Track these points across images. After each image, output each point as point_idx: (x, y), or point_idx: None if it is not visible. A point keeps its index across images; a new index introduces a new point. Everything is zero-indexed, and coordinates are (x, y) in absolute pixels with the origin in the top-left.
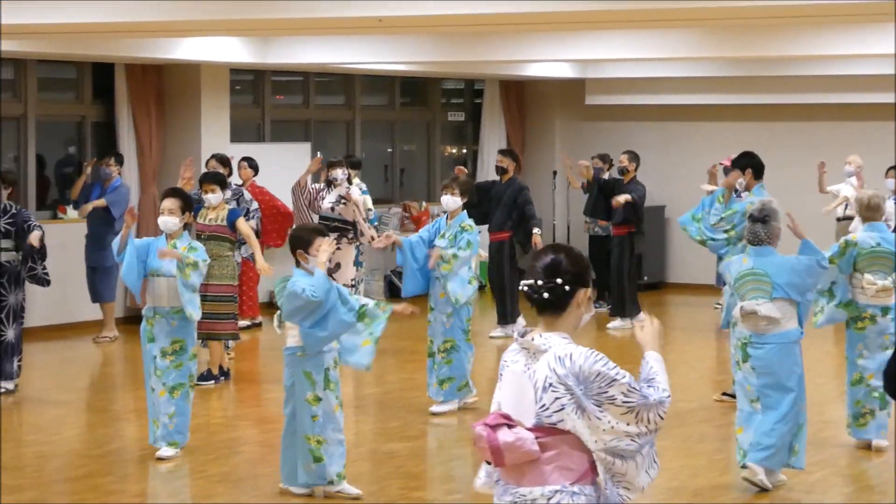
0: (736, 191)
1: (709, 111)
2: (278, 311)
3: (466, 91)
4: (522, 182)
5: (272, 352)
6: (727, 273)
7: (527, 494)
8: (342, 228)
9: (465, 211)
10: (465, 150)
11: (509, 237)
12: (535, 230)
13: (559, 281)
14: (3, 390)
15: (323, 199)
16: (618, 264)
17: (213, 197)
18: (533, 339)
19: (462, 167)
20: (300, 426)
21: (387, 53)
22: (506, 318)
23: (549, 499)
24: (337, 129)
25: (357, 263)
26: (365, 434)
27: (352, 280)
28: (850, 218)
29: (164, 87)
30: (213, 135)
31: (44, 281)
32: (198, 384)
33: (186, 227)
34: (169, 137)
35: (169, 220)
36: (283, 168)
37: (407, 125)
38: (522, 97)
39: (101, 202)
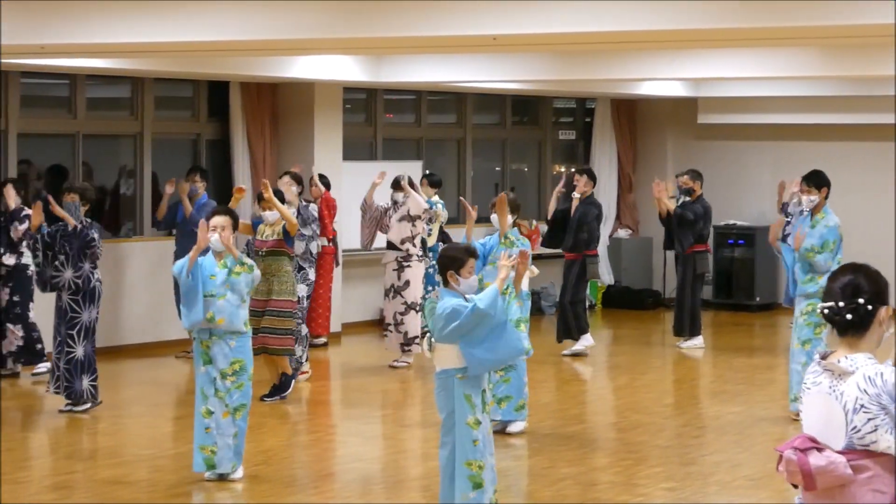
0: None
1: (822, 130)
2: (428, 334)
3: (578, 110)
4: (596, 201)
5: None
6: None
7: None
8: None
9: (516, 228)
10: (574, 169)
11: (581, 257)
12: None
13: (861, 301)
14: (67, 408)
15: (390, 217)
16: (679, 283)
17: (270, 214)
18: (839, 362)
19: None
20: (460, 452)
21: (499, 72)
22: (571, 334)
23: None
24: (448, 147)
25: (431, 282)
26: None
27: (420, 299)
28: None
29: (278, 105)
30: (326, 153)
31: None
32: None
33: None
34: (283, 155)
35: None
36: None
37: (518, 144)
38: (634, 116)
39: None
